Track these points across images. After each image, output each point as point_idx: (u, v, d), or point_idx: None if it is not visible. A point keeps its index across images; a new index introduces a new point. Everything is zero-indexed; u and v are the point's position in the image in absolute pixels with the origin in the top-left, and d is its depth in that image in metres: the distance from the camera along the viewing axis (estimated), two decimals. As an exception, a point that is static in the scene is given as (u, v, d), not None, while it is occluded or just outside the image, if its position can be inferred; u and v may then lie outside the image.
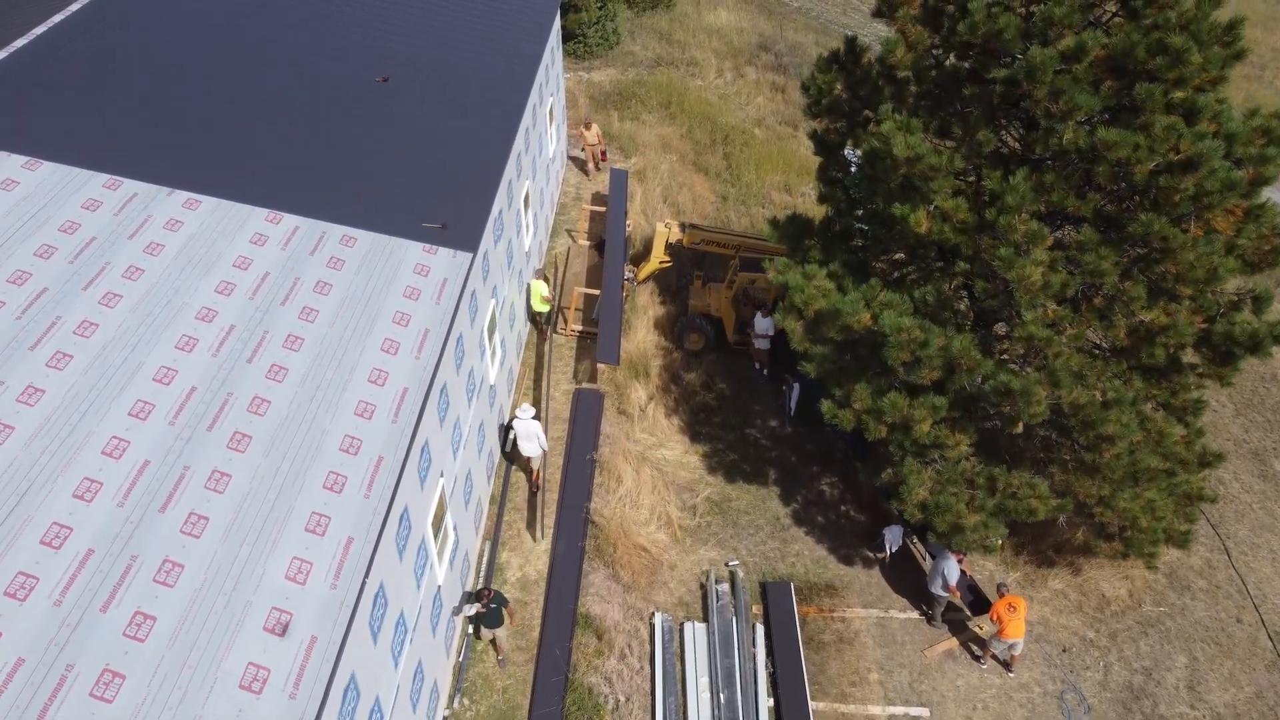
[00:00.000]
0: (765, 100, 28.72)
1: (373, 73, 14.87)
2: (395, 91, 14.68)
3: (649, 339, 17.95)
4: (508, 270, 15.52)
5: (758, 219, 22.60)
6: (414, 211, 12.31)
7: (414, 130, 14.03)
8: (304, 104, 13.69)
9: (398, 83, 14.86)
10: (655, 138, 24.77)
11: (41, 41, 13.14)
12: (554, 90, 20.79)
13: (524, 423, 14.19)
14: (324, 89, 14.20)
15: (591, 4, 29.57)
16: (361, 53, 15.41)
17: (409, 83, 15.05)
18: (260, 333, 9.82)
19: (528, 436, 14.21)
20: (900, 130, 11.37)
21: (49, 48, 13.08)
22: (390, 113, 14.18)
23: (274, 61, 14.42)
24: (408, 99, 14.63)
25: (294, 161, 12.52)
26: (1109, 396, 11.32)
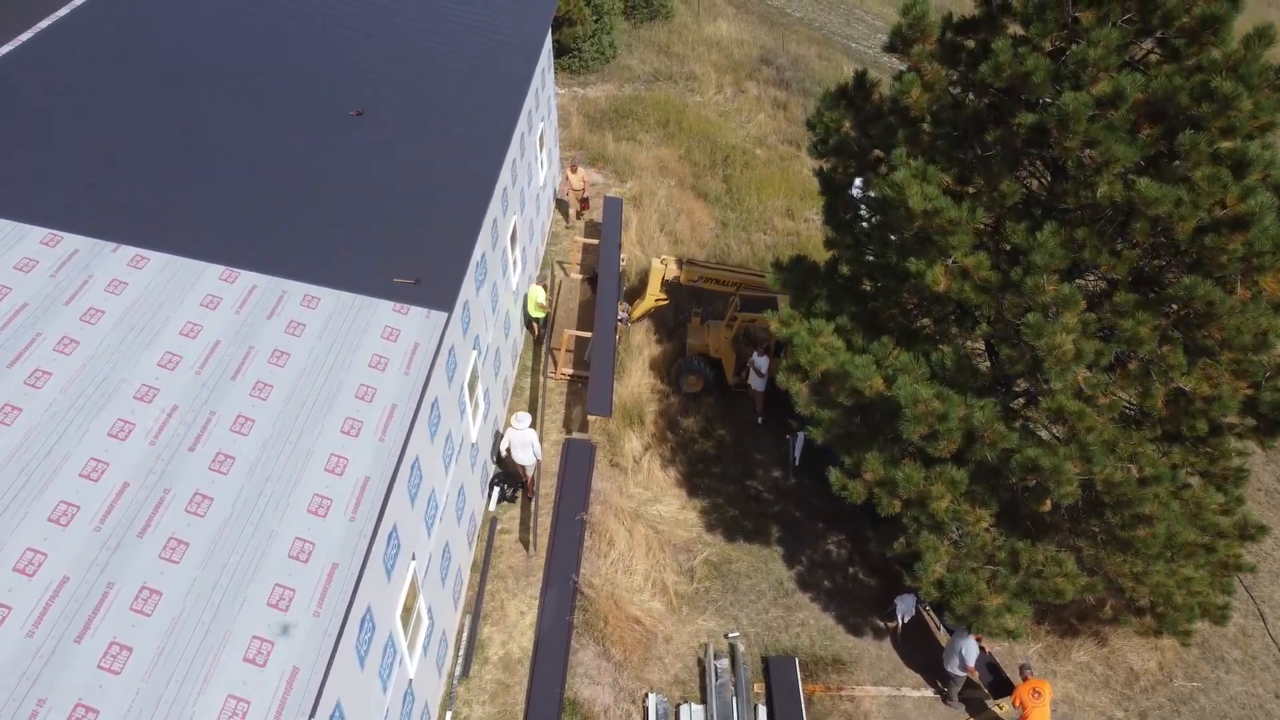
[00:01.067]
0: (767, 118, 27.72)
1: (346, 105, 13.86)
2: (370, 125, 13.67)
3: (644, 382, 16.95)
4: (492, 315, 14.52)
5: (759, 246, 21.60)
6: (386, 263, 11.31)
7: (389, 169, 13.01)
8: (268, 142, 12.67)
9: (373, 115, 13.85)
10: (652, 160, 23.77)
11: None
12: (545, 114, 19.79)
13: (519, 432, 13.78)
14: (291, 125, 13.19)
15: (587, 17, 28.58)
16: (334, 83, 14.40)
17: (386, 115, 14.04)
18: (206, 414, 8.81)
19: (522, 445, 13.85)
20: (916, 178, 10.36)
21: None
22: (364, 150, 13.17)
23: (236, 95, 13.41)
24: (384, 133, 13.62)
25: (255, 208, 11.51)
26: (1146, 472, 10.31)
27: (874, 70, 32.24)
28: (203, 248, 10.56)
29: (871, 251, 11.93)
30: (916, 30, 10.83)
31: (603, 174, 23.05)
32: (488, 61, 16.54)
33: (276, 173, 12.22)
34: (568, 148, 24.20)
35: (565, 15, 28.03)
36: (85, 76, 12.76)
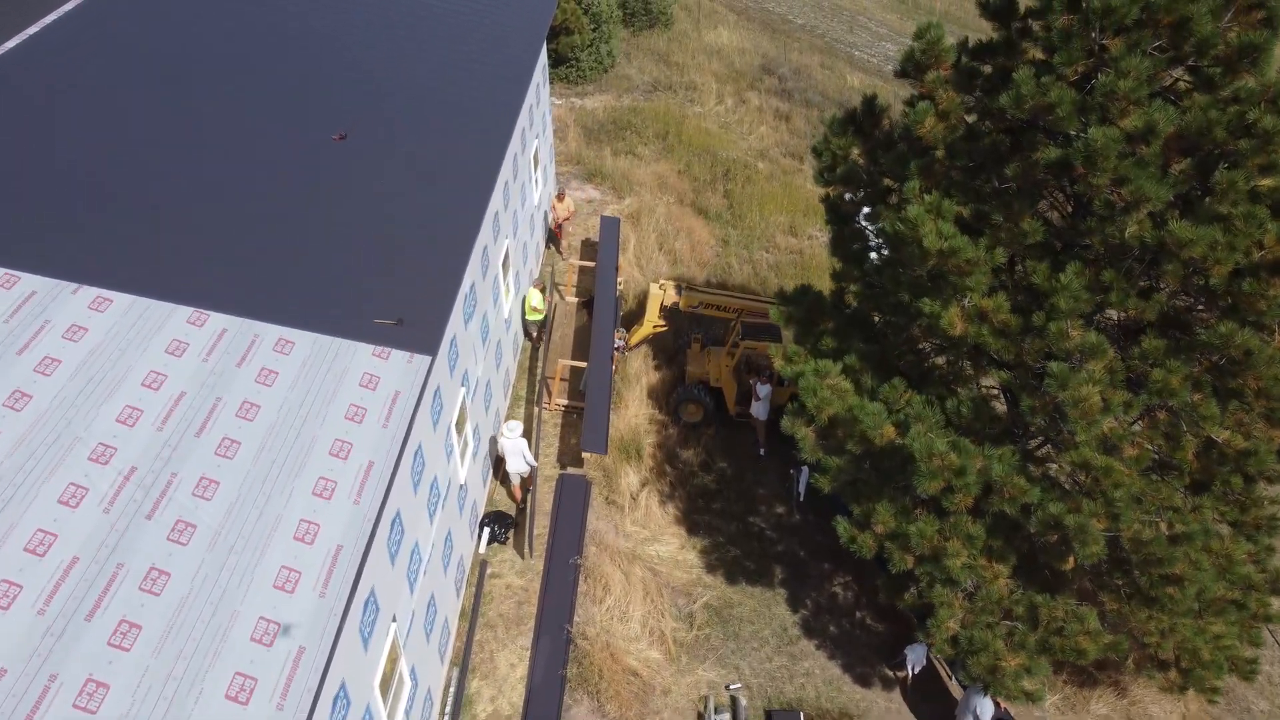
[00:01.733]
0: (769, 130, 27.07)
1: (328, 127, 13.21)
2: (353, 150, 13.01)
3: (641, 412, 16.29)
4: (482, 348, 13.87)
5: (761, 265, 20.95)
6: (367, 301, 10.65)
7: (373, 197, 12.36)
8: (244, 169, 12.02)
9: (357, 139, 13.20)
10: (651, 175, 23.12)
11: (-56, 102, 11.53)
12: (540, 131, 19.14)
13: (511, 440, 13.74)
14: (269, 150, 12.54)
15: (585, 26, 27.94)
16: (317, 104, 13.75)
17: (370, 138, 13.38)
18: (166, 476, 8.17)
19: (514, 454, 13.83)
20: (930, 214, 9.72)
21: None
22: (346, 176, 12.52)
23: (210, 118, 12.75)
24: (367, 158, 12.97)
25: (228, 242, 10.85)
26: (1176, 529, 9.66)
27: (877, 79, 31.64)
28: (170, 287, 9.92)
29: (881, 287, 11.27)
30: (930, 56, 10.19)
31: (600, 190, 22.40)
32: (480, 77, 15.89)
33: (252, 202, 11.57)
34: (564, 163, 23.56)
35: (562, 24, 27.39)
36: (45, 100, 12.11)
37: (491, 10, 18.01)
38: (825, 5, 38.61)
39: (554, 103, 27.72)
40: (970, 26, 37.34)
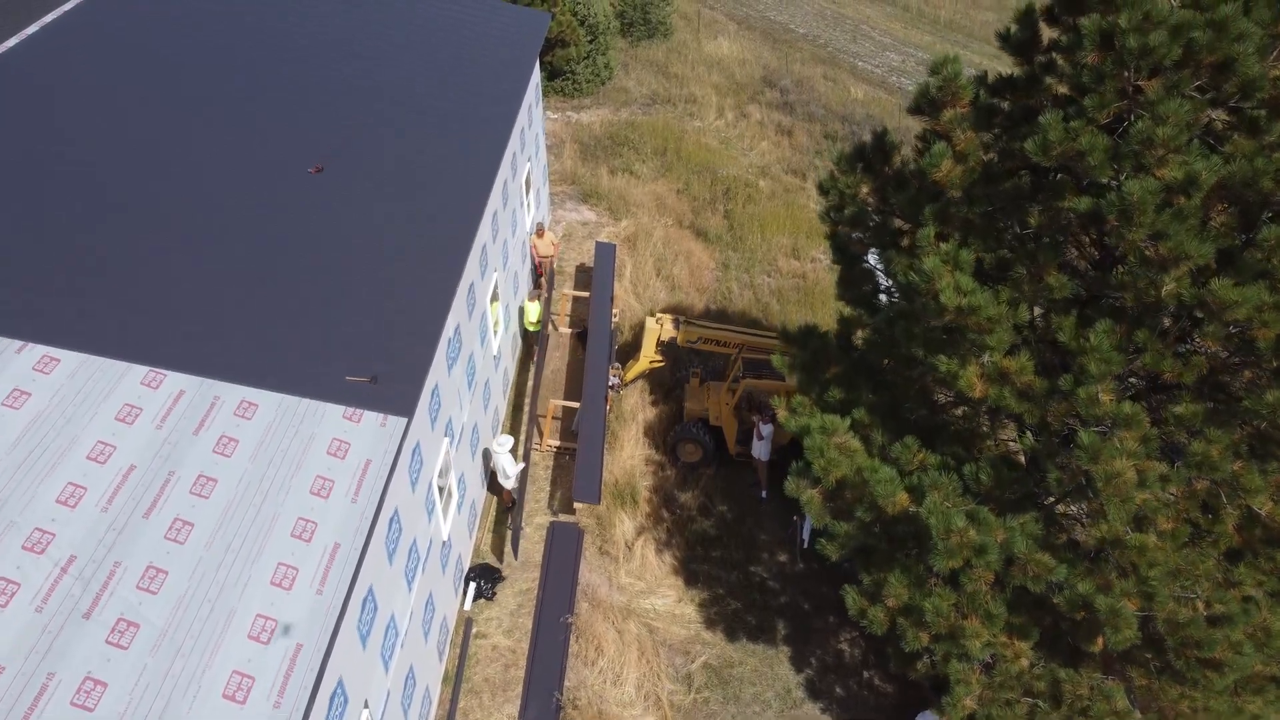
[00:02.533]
0: (770, 145, 26.31)
1: (304, 159, 12.45)
2: (331, 183, 12.26)
3: (637, 453, 15.53)
4: (468, 392, 13.11)
5: (762, 290, 20.19)
6: (340, 353, 9.90)
7: (350, 234, 11.61)
8: (210, 208, 11.27)
9: (335, 171, 12.45)
10: (648, 195, 22.36)
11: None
12: (532, 153, 18.38)
13: (501, 455, 13.59)
14: (238, 185, 11.78)
15: (581, 38, 27.18)
16: (293, 132, 13.00)
17: (349, 169, 12.63)
18: (109, 565, 7.41)
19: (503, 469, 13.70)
20: (946, 266, 8.96)
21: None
22: (322, 213, 11.77)
23: (173, 150, 12.01)
24: (345, 191, 12.22)
25: (190, 291, 10.10)
26: (1215, 608, 8.90)
27: (880, 91, 30.88)
28: (125, 344, 9.16)
29: (892, 338, 10.50)
30: (947, 93, 9.42)
31: (596, 212, 21.63)
32: (468, 101, 15.14)
33: (218, 243, 10.82)
34: (559, 182, 22.80)
35: (558, 36, 26.64)
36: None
37: (482, 29, 17.26)
38: (828, 14, 37.84)
39: (549, 117, 26.98)
40: (977, 35, 36.62)
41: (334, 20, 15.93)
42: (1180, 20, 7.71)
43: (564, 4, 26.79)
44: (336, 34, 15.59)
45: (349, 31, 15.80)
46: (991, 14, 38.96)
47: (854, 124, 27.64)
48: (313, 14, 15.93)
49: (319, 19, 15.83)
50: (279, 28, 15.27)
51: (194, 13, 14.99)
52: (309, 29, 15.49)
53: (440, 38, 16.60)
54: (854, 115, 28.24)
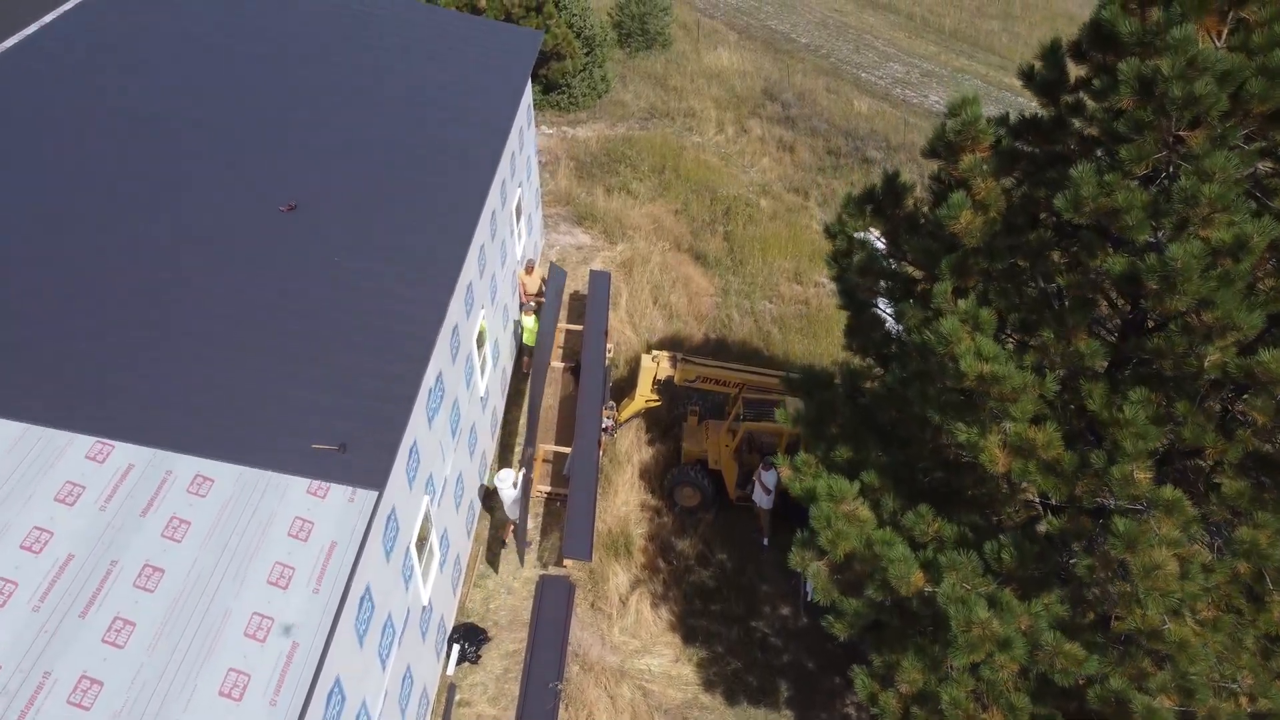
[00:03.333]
0: (771, 162, 25.54)
1: (276, 198, 11.70)
2: (304, 223, 11.51)
3: (632, 498, 14.77)
4: (452, 440, 12.35)
5: (764, 319, 19.42)
6: (306, 418, 9.14)
7: (323, 281, 10.85)
8: (168, 256, 10.50)
9: (309, 209, 11.69)
10: (645, 217, 21.59)
11: None
12: (524, 177, 17.62)
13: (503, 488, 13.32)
14: (203, 227, 11.02)
15: (577, 50, 26.42)
16: (266, 166, 12.24)
17: (325, 206, 11.88)
18: (38, 676, 6.65)
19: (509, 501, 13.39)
20: (966, 327, 8.21)
21: None
22: (291, 258, 11.02)
23: (130, 188, 11.26)
24: (319, 233, 11.46)
25: (143, 351, 9.33)
26: (1260, 704, 8.13)
27: (884, 104, 30.10)
28: (70, 411, 8.41)
29: (905, 398, 9.72)
30: (966, 137, 8.65)
31: (591, 235, 20.87)
32: (454, 129, 14.38)
33: (174, 297, 10.05)
34: (553, 203, 22.03)
35: (553, 49, 25.89)
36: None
37: (469, 51, 16.51)
38: (830, 23, 37.06)
39: (544, 133, 26.23)
40: (982, 44, 35.85)
41: (312, 41, 15.18)
42: (1229, 66, 6.95)
43: (559, 17, 26.05)
44: (314, 55, 14.84)
45: (328, 52, 15.06)
46: (997, 22, 38.21)
47: (857, 139, 26.87)
48: (287, 34, 15.19)
49: (294, 39, 15.09)
50: (249, 55, 14.53)
51: (170, 32, 14.25)
52: (281, 59, 14.74)
53: (425, 61, 15.84)
54: (857, 130, 27.47)
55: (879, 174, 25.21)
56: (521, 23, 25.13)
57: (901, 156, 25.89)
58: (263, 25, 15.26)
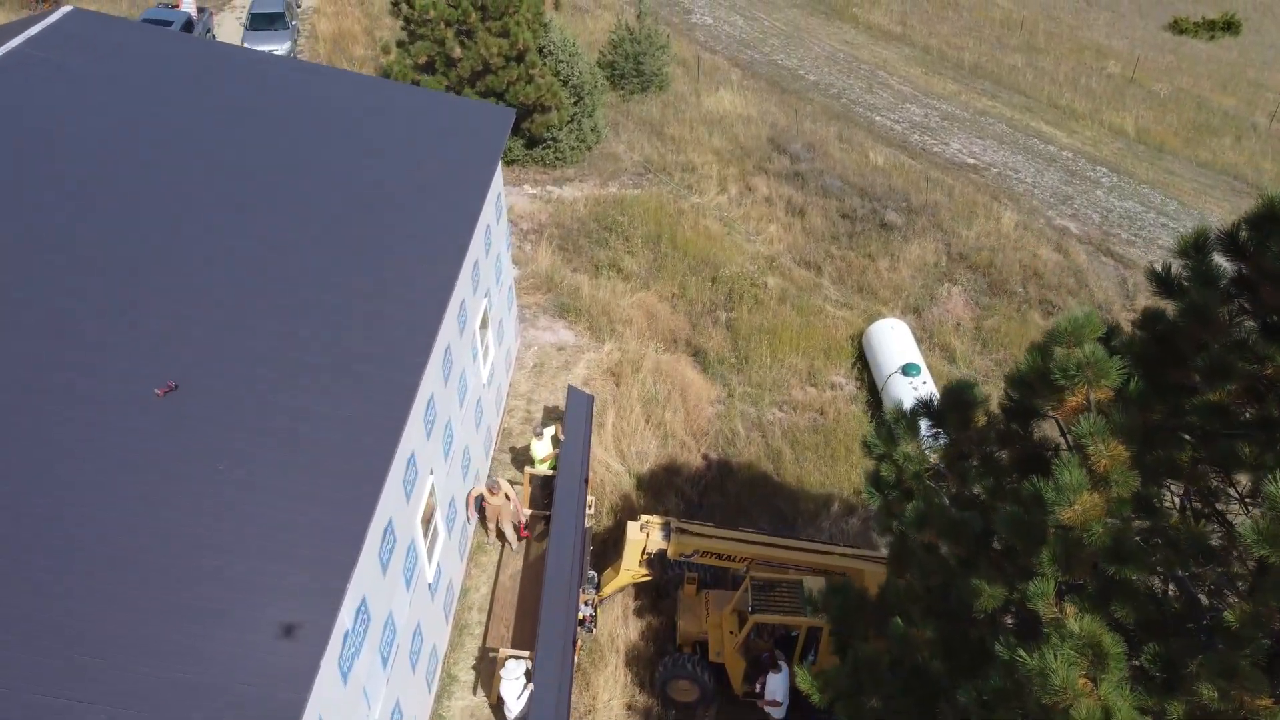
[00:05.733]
0: (779, 229, 22.92)
1: (155, 373, 9.05)
2: (190, 407, 8.87)
3: (616, 700, 12.14)
4: (384, 672, 9.70)
5: (773, 433, 16.80)
6: (197, 684, 6.52)
7: (220, 475, 8.22)
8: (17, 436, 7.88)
9: (194, 387, 9.05)
10: (637, 307, 18.96)
11: None
12: (493, 283, 14.99)
13: (509, 684, 11.11)
14: (66, 407, 8.38)
15: (564, 102, 23.79)
16: (143, 339, 9.60)
17: (222, 385, 9.24)
18: None
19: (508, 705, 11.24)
20: (1083, 663, 5.61)
21: None
22: (165, 453, 8.38)
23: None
24: (209, 425, 8.82)
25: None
26: None
27: (902, 154, 27.48)
28: None
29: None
30: (1081, 379, 5.98)
31: (574, 330, 18.23)
32: (404, 243, 11.78)
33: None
34: (531, 290, 19.36)
35: (537, 102, 23.27)
36: None
37: (429, 141, 13.90)
38: (840, 57, 34.44)
39: (527, 192, 23.61)
40: (1005, 82, 33.24)
41: (228, 135, 12.56)
42: None
43: (544, 65, 23.43)
44: (222, 149, 12.22)
45: (267, 145, 12.43)
46: (1020, 55, 35.60)
47: (874, 198, 24.24)
48: (196, 121, 12.56)
49: (207, 124, 12.46)
50: (152, 136, 11.90)
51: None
52: (182, 143, 12.11)
53: (373, 155, 13.23)
54: (874, 187, 24.84)
55: (899, 241, 22.77)
56: (501, 73, 22.55)
57: (923, 221, 23.28)
58: (170, 110, 12.64)
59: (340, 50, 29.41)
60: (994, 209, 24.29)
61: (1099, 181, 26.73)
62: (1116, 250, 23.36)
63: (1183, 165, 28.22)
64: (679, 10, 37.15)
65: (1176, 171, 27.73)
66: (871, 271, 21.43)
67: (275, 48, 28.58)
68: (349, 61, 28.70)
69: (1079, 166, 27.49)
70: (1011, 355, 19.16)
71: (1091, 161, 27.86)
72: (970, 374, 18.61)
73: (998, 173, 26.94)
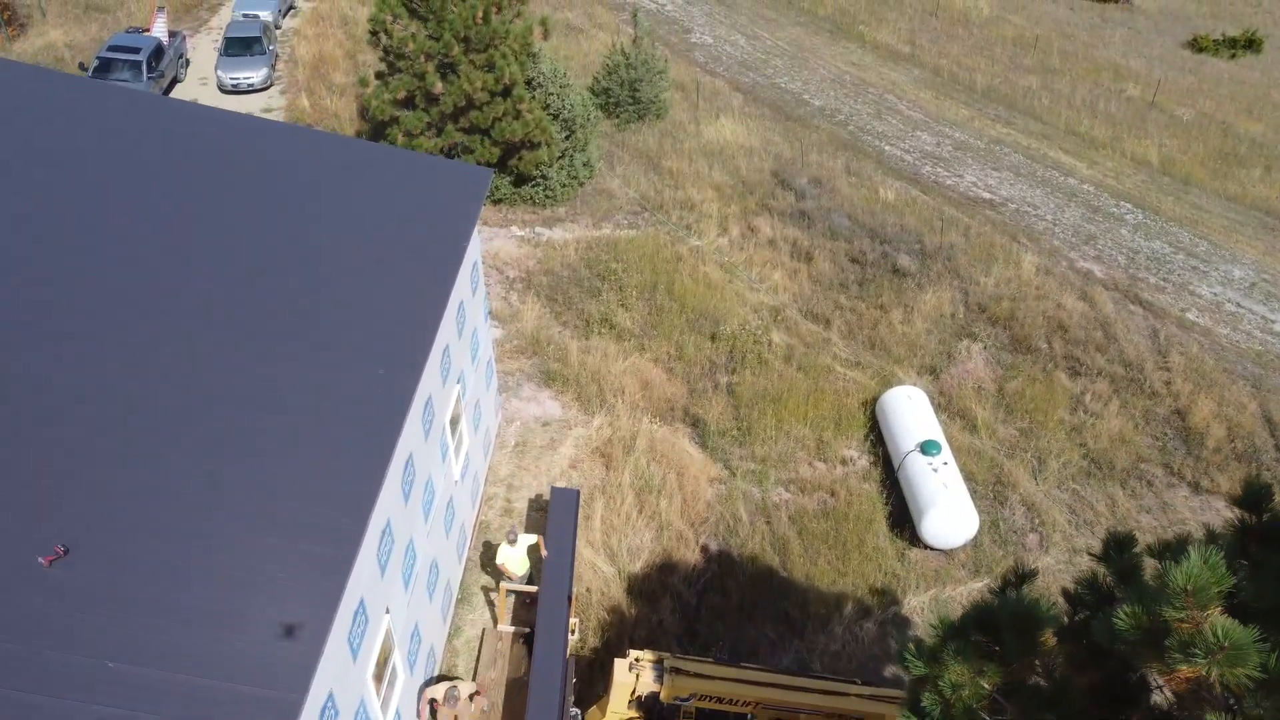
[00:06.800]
0: (784, 277, 21.38)
1: (41, 540, 7.52)
2: (74, 572, 7.34)
3: None
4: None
5: (779, 520, 15.28)
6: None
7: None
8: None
9: (85, 554, 7.51)
10: (630, 373, 17.41)
11: None
12: (468, 363, 13.45)
13: None
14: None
15: (554, 137, 22.25)
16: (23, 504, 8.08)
17: (108, 548, 7.70)
18: None
19: None
20: None
21: None
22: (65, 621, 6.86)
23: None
24: (98, 577, 7.30)
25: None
26: None
27: (914, 188, 25.91)
28: None
29: None
30: (1216, 657, 4.42)
31: (561, 401, 16.69)
32: (362, 337, 10.27)
33: None
34: (514, 354, 17.81)
35: (525, 138, 21.75)
36: None
37: (396, 214, 12.37)
38: (846, 79, 32.86)
39: (514, 234, 22.10)
40: (1020, 106, 31.71)
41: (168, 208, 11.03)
42: None
43: (532, 100, 21.90)
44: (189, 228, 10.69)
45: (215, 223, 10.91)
46: (1035, 77, 34.05)
47: (885, 240, 22.71)
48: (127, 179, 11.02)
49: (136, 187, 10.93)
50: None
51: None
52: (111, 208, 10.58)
53: (331, 227, 11.70)
54: (885, 227, 23.30)
55: (912, 289, 21.21)
56: (486, 109, 21.02)
57: (938, 266, 21.74)
58: (79, 180, 11.11)
59: (320, 76, 27.87)
60: (1013, 251, 22.75)
61: (1123, 219, 25.18)
62: (1145, 297, 21.82)
63: (1210, 199, 26.67)
64: (678, 30, 35.61)
65: (1205, 207, 26.18)
66: (884, 325, 19.88)
67: (251, 75, 27.09)
68: (329, 89, 27.17)
69: (1101, 201, 25.94)
70: (1037, 423, 17.64)
71: (1114, 196, 26.30)
72: (994, 447, 17.10)
73: (1015, 209, 25.39)
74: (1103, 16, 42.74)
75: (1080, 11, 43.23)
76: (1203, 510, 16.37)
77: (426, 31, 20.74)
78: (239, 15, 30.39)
